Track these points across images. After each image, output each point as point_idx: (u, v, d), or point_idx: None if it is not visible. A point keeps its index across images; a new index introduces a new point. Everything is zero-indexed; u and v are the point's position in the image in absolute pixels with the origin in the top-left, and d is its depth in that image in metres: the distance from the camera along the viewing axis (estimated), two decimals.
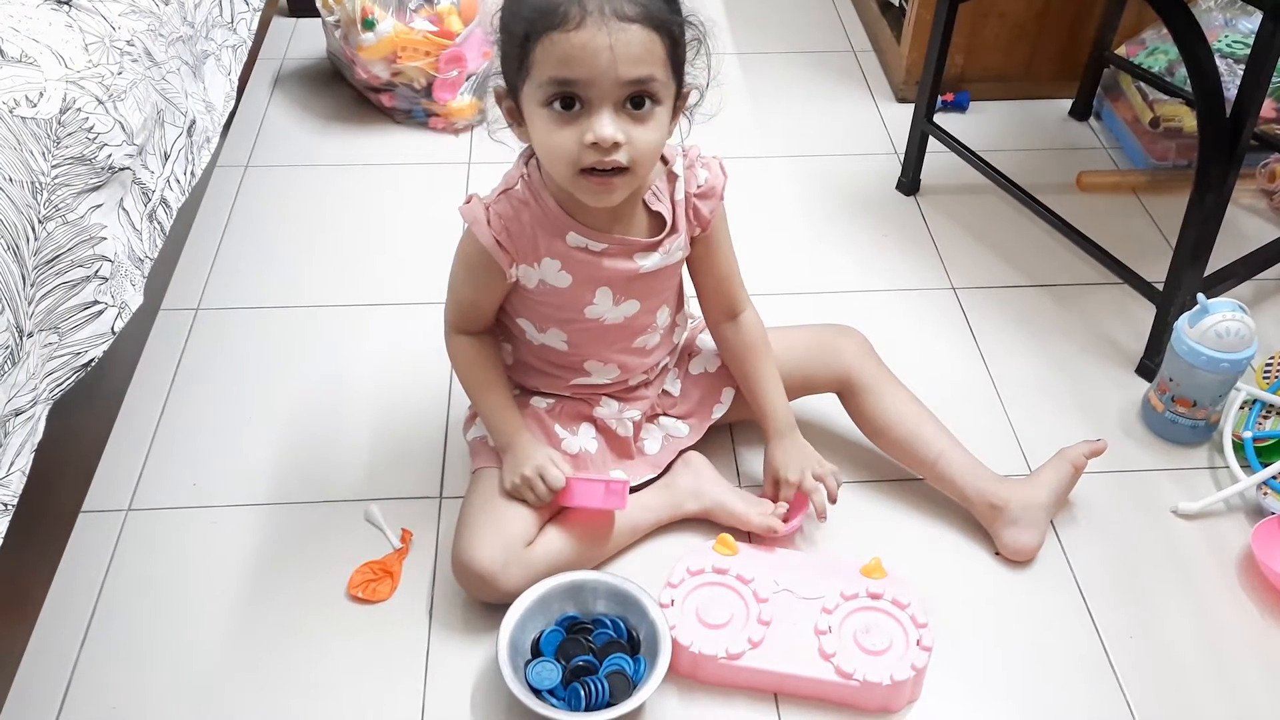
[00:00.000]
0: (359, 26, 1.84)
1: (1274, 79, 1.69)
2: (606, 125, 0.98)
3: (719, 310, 1.25)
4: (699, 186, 1.15)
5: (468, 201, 1.12)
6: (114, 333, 1.02)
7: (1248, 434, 1.32)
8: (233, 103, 1.41)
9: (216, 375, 1.44)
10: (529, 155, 1.11)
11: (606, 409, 1.24)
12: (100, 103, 1.04)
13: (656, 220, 1.14)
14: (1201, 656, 1.14)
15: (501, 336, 1.24)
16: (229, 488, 1.29)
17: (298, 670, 1.12)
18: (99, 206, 1.02)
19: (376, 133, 1.91)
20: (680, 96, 1.06)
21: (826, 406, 1.34)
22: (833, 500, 1.21)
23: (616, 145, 0.99)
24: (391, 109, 1.93)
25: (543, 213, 1.10)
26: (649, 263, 1.14)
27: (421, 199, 1.75)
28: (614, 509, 1.17)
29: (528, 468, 1.14)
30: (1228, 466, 1.31)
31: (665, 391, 1.29)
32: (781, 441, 1.23)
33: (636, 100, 0.99)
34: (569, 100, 0.98)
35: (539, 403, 1.24)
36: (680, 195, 1.14)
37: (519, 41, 0.98)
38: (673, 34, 1.00)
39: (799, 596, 1.12)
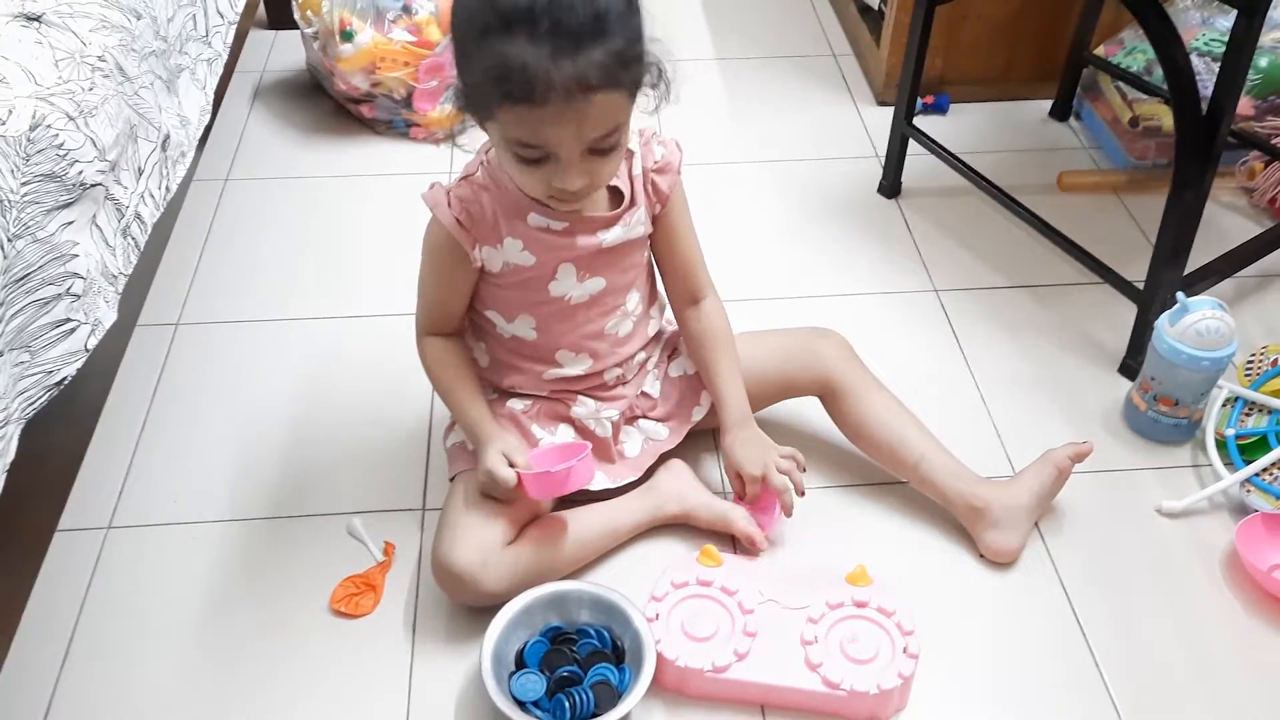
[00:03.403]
0: (337, 38, 1.83)
1: (1251, 76, 1.71)
2: (574, 180, 1.02)
3: (683, 294, 1.26)
4: (655, 162, 1.17)
5: (431, 188, 1.14)
6: (87, 350, 1.01)
7: (1230, 431, 1.32)
8: (208, 117, 1.40)
9: (198, 390, 1.43)
10: (489, 147, 1.12)
11: (583, 408, 1.24)
12: (71, 119, 1.03)
13: (616, 196, 1.16)
14: (1187, 655, 1.14)
15: (474, 336, 1.24)
16: (210, 503, 1.29)
17: (281, 686, 1.11)
18: (70, 224, 1.01)
19: (357, 144, 1.90)
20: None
21: (807, 410, 1.33)
22: (800, 493, 1.20)
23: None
24: (372, 120, 1.92)
25: (503, 196, 1.11)
26: (610, 236, 1.15)
27: (403, 210, 1.74)
28: (583, 486, 1.14)
29: (481, 471, 1.14)
30: (1211, 464, 1.31)
31: (644, 393, 1.29)
32: (738, 434, 1.22)
33: (600, 145, 1.01)
34: (534, 152, 1.00)
35: (515, 404, 1.23)
36: (638, 170, 1.16)
37: (482, 91, 0.99)
38: (636, 80, 1.01)
39: (784, 607, 1.12)
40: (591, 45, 0.94)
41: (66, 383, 0.99)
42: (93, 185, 1.05)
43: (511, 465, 1.13)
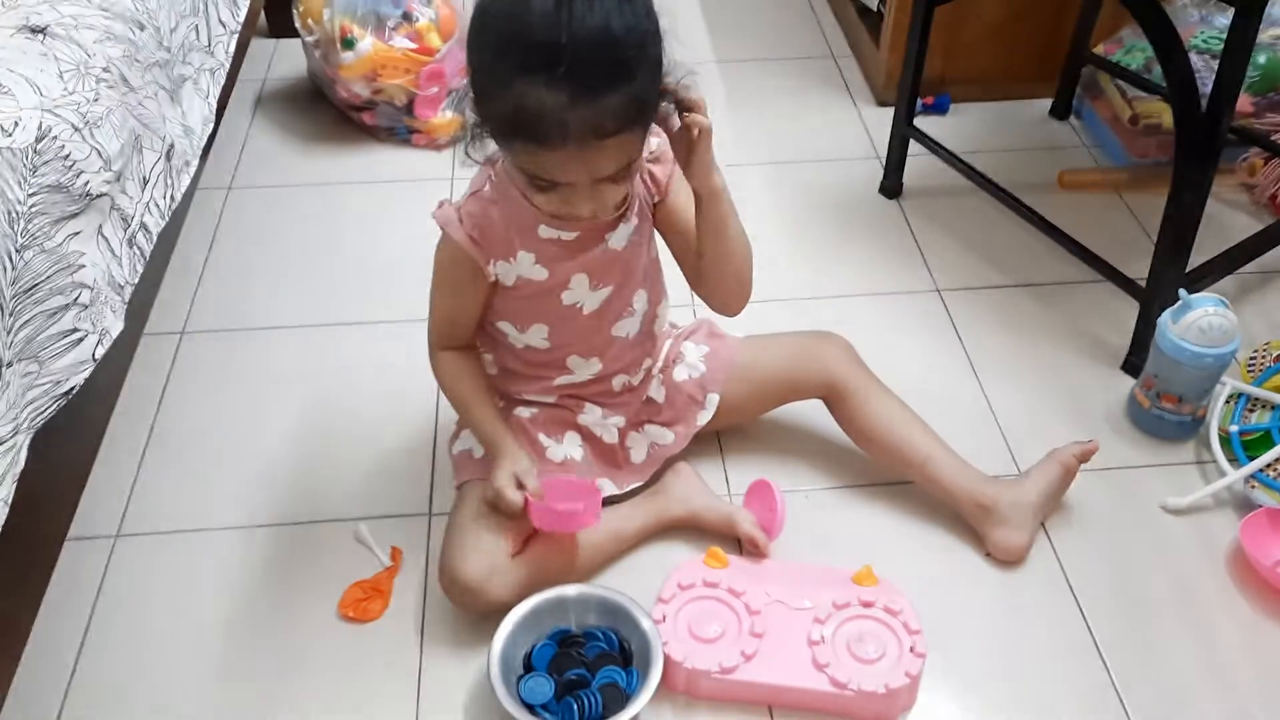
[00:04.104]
0: (338, 46, 1.84)
1: (1249, 73, 1.71)
2: (583, 206, 1.05)
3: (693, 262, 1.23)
4: (650, 152, 1.16)
5: (440, 207, 1.14)
6: (95, 360, 1.02)
7: (1234, 428, 1.32)
8: (211, 126, 1.41)
9: (204, 398, 1.44)
10: (495, 159, 1.12)
11: (590, 415, 1.25)
12: (76, 130, 1.04)
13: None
14: (1194, 651, 1.15)
15: (484, 346, 1.25)
16: (218, 510, 1.29)
17: (290, 691, 1.11)
18: (77, 234, 1.02)
19: (359, 151, 1.91)
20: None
21: (812, 412, 1.34)
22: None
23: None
24: (374, 127, 1.93)
25: (512, 209, 1.11)
26: (617, 237, 1.15)
27: (406, 216, 1.75)
28: (581, 529, 1.16)
29: (490, 489, 1.14)
30: (1215, 461, 1.31)
31: (649, 399, 1.29)
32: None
33: (612, 177, 1.02)
34: (545, 182, 1.02)
35: (522, 412, 1.24)
36: None
37: (497, 126, 1.00)
38: (653, 115, 1.01)
39: (791, 607, 1.12)
40: (611, 92, 0.94)
41: (75, 392, 0.99)
42: (99, 195, 1.06)
43: (521, 487, 1.13)
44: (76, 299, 1.00)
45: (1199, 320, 1.27)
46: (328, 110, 1.97)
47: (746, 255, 1.19)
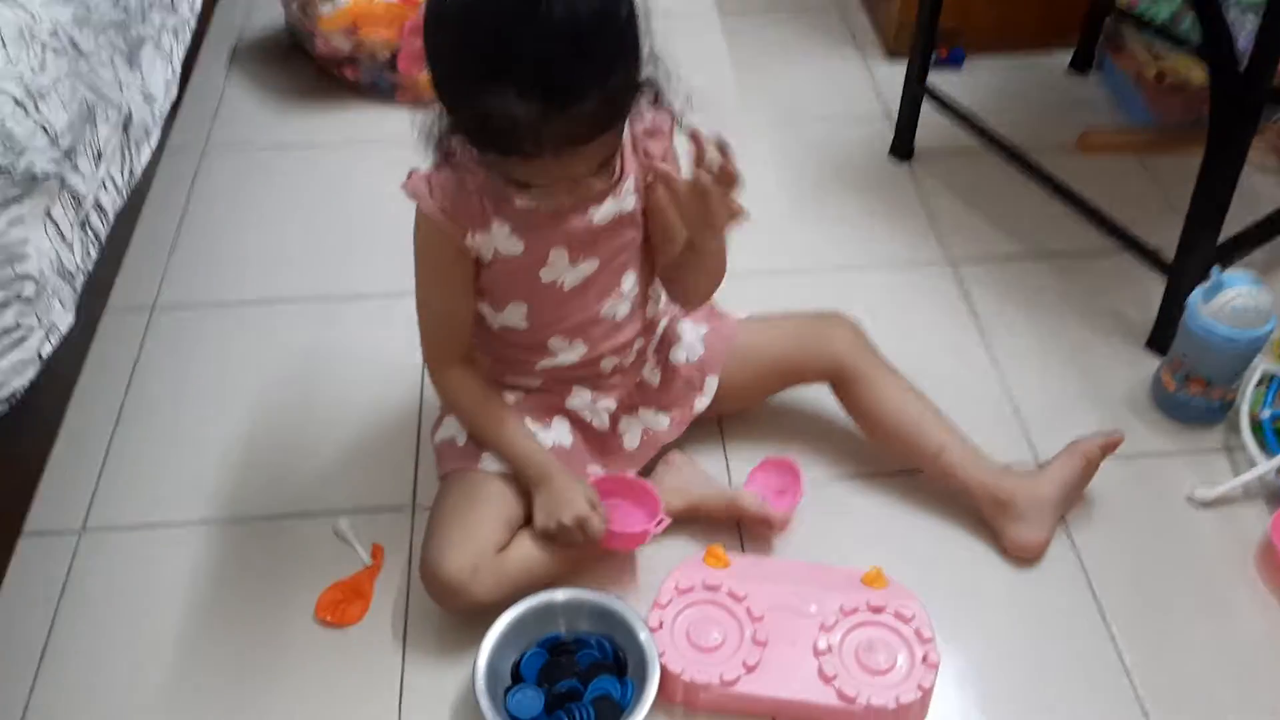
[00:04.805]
0: None
1: None
2: (563, 201, 1.00)
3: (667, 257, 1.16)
4: (644, 126, 1.08)
5: (409, 177, 1.06)
6: (41, 359, 0.94)
7: (1266, 414, 1.25)
8: (176, 90, 1.32)
9: (174, 379, 1.36)
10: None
11: (579, 399, 1.18)
12: (18, 104, 0.96)
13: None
14: (1220, 653, 1.09)
15: None
16: (190, 503, 1.23)
17: (264, 700, 1.06)
18: (20, 220, 0.94)
19: (341, 108, 1.82)
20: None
21: (818, 396, 1.26)
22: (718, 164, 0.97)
23: None
24: (355, 82, 1.83)
25: (487, 178, 1.03)
26: (601, 213, 1.07)
27: (391, 179, 1.64)
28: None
29: (567, 515, 1.07)
30: (1245, 449, 1.24)
31: (644, 382, 1.22)
32: None
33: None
34: (520, 183, 0.97)
35: (508, 397, 1.17)
36: (626, 136, 1.07)
37: (468, 128, 0.94)
38: (630, 109, 0.95)
39: (796, 613, 1.06)
40: (585, 98, 0.87)
41: (18, 397, 0.92)
42: (46, 177, 0.97)
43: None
44: (19, 293, 0.92)
45: (1232, 301, 1.19)
46: (307, 65, 1.88)
47: (720, 275, 1.13)
